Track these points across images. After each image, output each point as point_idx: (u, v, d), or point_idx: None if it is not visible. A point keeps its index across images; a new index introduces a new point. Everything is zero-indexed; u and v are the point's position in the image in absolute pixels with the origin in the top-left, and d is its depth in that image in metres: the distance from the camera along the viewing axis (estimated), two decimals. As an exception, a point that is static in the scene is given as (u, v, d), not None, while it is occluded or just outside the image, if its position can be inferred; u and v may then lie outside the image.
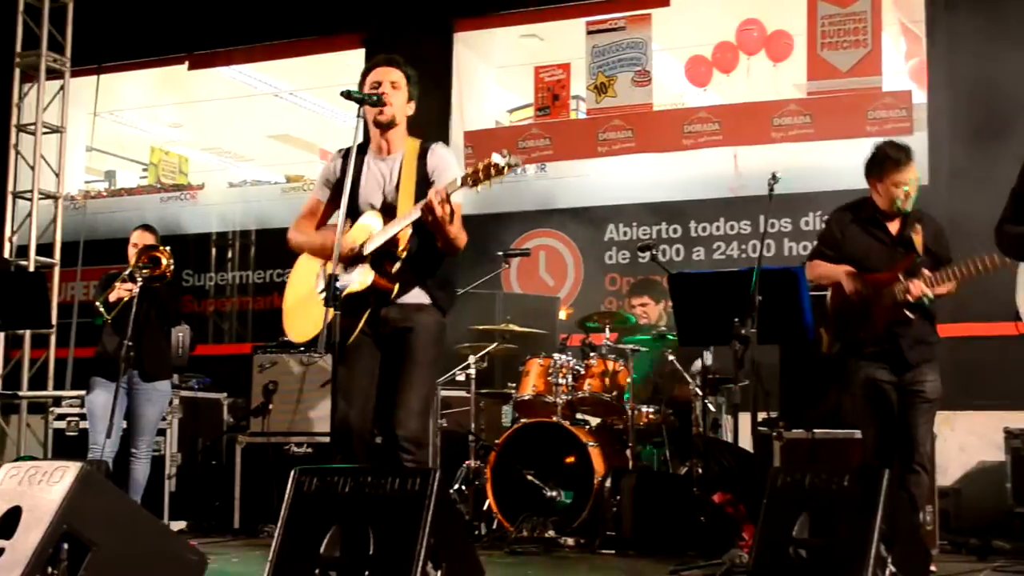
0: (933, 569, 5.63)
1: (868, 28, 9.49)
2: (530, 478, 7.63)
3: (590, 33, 10.53)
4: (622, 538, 7.22)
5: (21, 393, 10.69)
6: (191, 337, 8.98)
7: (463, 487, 7.91)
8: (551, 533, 7.37)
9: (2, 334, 10.70)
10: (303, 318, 5.20)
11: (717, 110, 10.26)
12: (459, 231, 4.98)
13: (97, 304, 7.47)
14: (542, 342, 8.57)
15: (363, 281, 4.99)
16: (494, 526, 7.68)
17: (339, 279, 4.78)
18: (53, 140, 11.20)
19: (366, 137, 5.33)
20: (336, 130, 13.38)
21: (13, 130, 11.23)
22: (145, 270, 7.28)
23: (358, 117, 5.03)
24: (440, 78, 10.65)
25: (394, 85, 5.21)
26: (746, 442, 7.36)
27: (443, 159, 5.24)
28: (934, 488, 7.01)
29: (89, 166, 13.77)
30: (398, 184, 5.16)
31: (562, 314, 9.60)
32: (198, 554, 4.71)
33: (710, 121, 10.03)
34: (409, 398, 5.03)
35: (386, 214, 5.11)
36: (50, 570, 4.00)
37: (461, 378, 8.18)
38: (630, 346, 7.86)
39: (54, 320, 9.93)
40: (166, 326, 7.77)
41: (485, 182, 4.78)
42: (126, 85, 13.15)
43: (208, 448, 9.14)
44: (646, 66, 10.30)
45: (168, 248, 7.48)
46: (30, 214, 10.99)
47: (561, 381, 7.85)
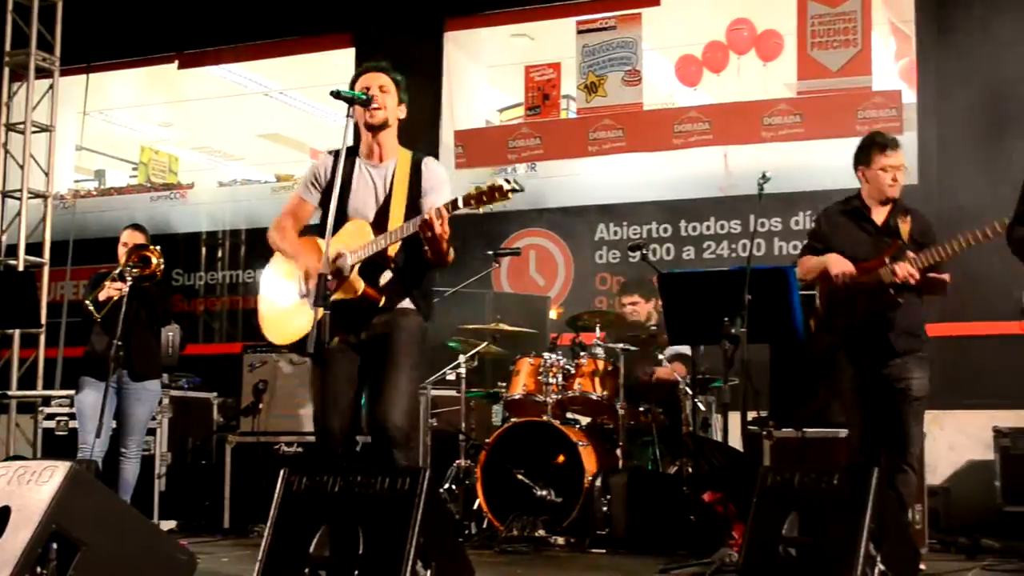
0: (922, 567, 5.63)
1: (858, 28, 9.51)
2: (520, 477, 7.62)
3: (580, 32, 10.54)
4: (612, 537, 7.22)
5: (10, 393, 10.66)
6: (181, 337, 8.95)
7: (453, 486, 7.91)
8: (541, 532, 7.36)
9: (-9, 334, 10.69)
10: (286, 321, 5.16)
11: (707, 109, 10.27)
12: (449, 245, 4.98)
13: (87, 303, 7.45)
14: (532, 341, 8.57)
15: (352, 291, 4.97)
16: (484, 525, 7.68)
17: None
18: (42, 139, 11.18)
19: (356, 140, 5.31)
20: (326, 129, 13.40)
21: (2, 129, 11.20)
22: (135, 269, 7.26)
23: (347, 117, 5.02)
24: (430, 77, 10.65)
25: (383, 89, 5.19)
26: (736, 441, 7.36)
27: (437, 176, 5.23)
28: (923, 487, 7.03)
29: (79, 165, 13.75)
30: (390, 195, 5.15)
31: (552, 313, 9.59)
32: (188, 554, 4.71)
33: (700, 120, 10.04)
34: (396, 395, 5.01)
35: (377, 224, 5.09)
36: (39, 570, 4.00)
37: (451, 377, 8.18)
38: (620, 345, 7.87)
39: (43, 320, 9.91)
40: (156, 326, 7.74)
41: (488, 204, 4.76)
42: (115, 84, 13.14)
43: (198, 448, 9.13)
44: (636, 65, 10.31)
45: (158, 247, 7.46)
46: (19, 213, 10.97)
47: (551, 380, 7.85)
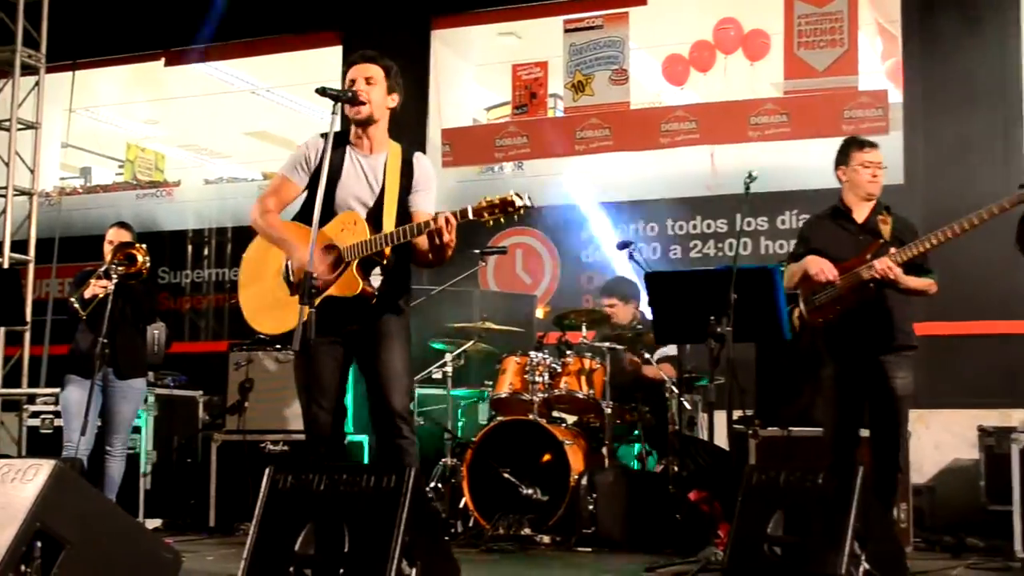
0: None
1: (844, 28, 9.53)
2: (506, 476, 7.63)
3: (567, 31, 10.54)
4: (598, 536, 7.22)
5: (-5, 390, 10.64)
6: (167, 335, 8.94)
7: (439, 485, 7.91)
8: (527, 531, 7.36)
9: (-23, 331, 10.65)
10: (275, 309, 5.14)
11: (694, 109, 10.29)
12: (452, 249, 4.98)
13: (72, 301, 7.43)
14: (519, 340, 8.58)
15: (350, 288, 4.96)
16: (470, 524, 7.68)
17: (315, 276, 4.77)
18: (28, 136, 11.13)
19: (346, 128, 5.29)
20: (313, 127, 13.32)
21: (-12, 126, 11.17)
22: (120, 267, 7.24)
23: (333, 114, 5.00)
24: (417, 75, 10.63)
25: (369, 81, 5.15)
26: (722, 440, 7.37)
27: (427, 175, 5.23)
28: (908, 486, 7.05)
29: (64, 162, 13.72)
30: (383, 190, 5.14)
31: (539, 312, 9.61)
32: (173, 552, 4.69)
33: (687, 120, 10.06)
34: (395, 378, 5.05)
35: (371, 218, 5.08)
36: (23, 568, 3.98)
37: (438, 376, 8.18)
38: (606, 344, 7.88)
39: (28, 317, 9.88)
40: (141, 324, 7.73)
41: (497, 217, 4.76)
42: (102, 81, 13.11)
43: (183, 446, 9.11)
44: (623, 64, 10.31)
45: (144, 245, 7.44)
46: (4, 211, 10.90)
47: (538, 379, 7.86)
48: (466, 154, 10.91)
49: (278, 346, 8.48)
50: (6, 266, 10.56)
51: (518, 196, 4.73)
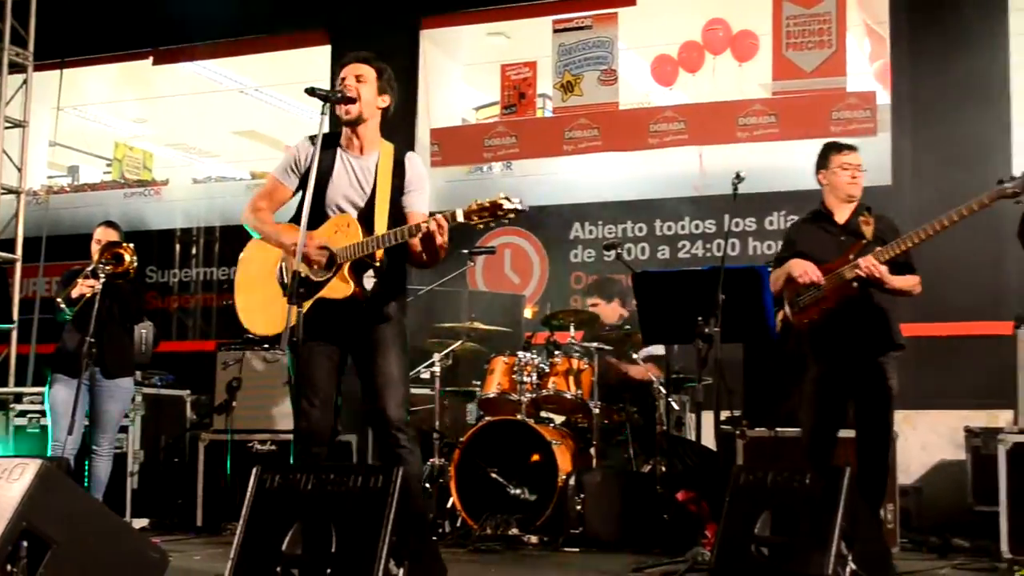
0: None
1: (833, 29, 9.54)
2: (494, 476, 7.62)
3: (556, 31, 10.55)
4: (586, 536, 7.22)
5: (-18, 389, 10.60)
6: (154, 334, 8.93)
7: (427, 485, 7.90)
8: (515, 531, 7.36)
9: (-37, 330, 10.61)
10: (267, 310, 5.14)
11: (683, 109, 10.30)
12: (444, 252, 4.96)
13: (58, 300, 7.41)
14: (507, 340, 8.58)
15: (342, 291, 4.95)
16: (458, 524, 7.67)
17: (303, 275, 4.77)
18: (15, 134, 11.10)
19: (338, 129, 5.28)
20: (302, 126, 13.34)
21: (-25, 124, 11.13)
22: (108, 267, 7.23)
23: (322, 114, 5.00)
24: (406, 75, 10.62)
25: (360, 79, 5.14)
26: (709, 440, 7.38)
27: (419, 175, 5.20)
28: (895, 486, 7.06)
29: (52, 161, 13.69)
30: (375, 191, 5.12)
31: (527, 312, 9.61)
32: (160, 552, 4.69)
33: (676, 120, 10.06)
34: (391, 386, 5.03)
35: (362, 220, 5.06)
36: (9, 568, 3.98)
37: (426, 376, 8.17)
38: (595, 344, 7.88)
39: (15, 316, 9.86)
40: (129, 323, 7.72)
41: (488, 220, 4.75)
42: (90, 80, 13.08)
43: (171, 445, 9.09)
44: (612, 65, 10.32)
45: (131, 245, 7.43)
46: (-8, 209, 10.91)
47: (526, 379, 7.85)
48: (455, 154, 10.90)
49: (266, 346, 8.49)
50: (-7, 265, 10.54)
51: (507, 199, 4.72)
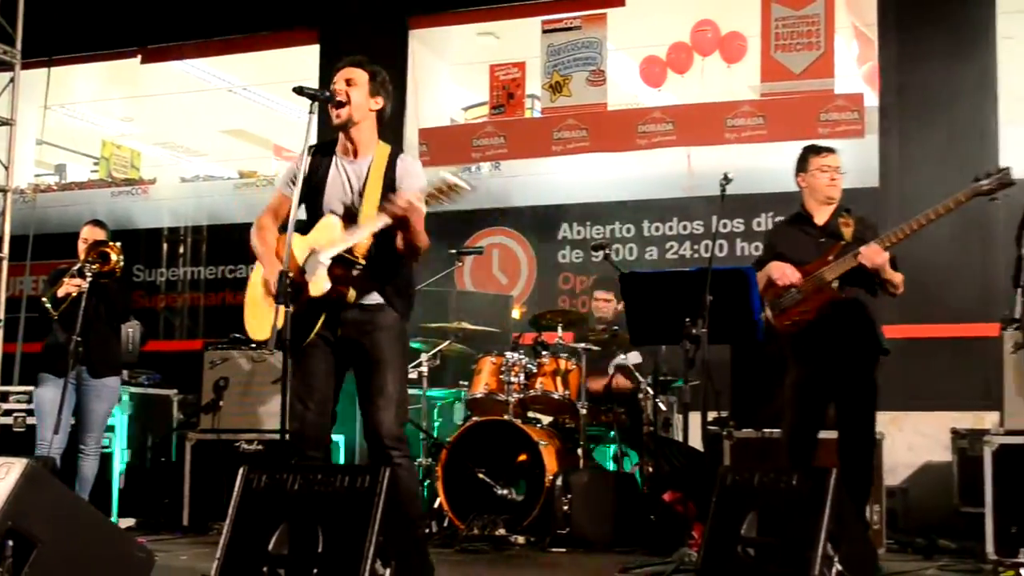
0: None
1: (821, 31, 9.56)
2: (481, 476, 7.63)
3: (545, 32, 10.55)
4: (572, 536, 7.22)
5: (-32, 388, 10.55)
6: (141, 333, 8.91)
7: (414, 485, 7.90)
8: (502, 531, 7.36)
9: (-51, 329, 10.57)
10: (260, 316, 5.13)
11: (671, 110, 10.30)
12: (423, 237, 4.94)
13: (44, 300, 7.40)
14: (495, 340, 8.58)
15: (321, 288, 4.93)
16: (445, 524, 7.68)
17: (292, 275, 4.77)
18: (3, 133, 11.02)
19: (335, 135, 5.27)
20: (290, 126, 13.36)
21: (-38, 123, 11.09)
22: (94, 266, 7.22)
23: (310, 113, 4.99)
24: (395, 75, 10.52)
25: (350, 82, 5.11)
26: (696, 441, 7.38)
27: (409, 172, 5.14)
28: (882, 487, 7.08)
29: (39, 159, 13.65)
30: (363, 189, 5.11)
31: (515, 312, 9.60)
32: (146, 552, 4.68)
33: (664, 121, 10.07)
34: (385, 401, 4.96)
35: (348, 219, 5.05)
36: (-6, 567, 3.97)
37: (413, 376, 8.17)
38: (582, 345, 7.89)
39: (1, 315, 9.82)
40: (115, 322, 7.70)
41: (443, 198, 4.75)
42: (78, 78, 13.05)
43: (158, 445, 9.07)
44: (601, 66, 10.33)
45: (118, 244, 7.41)
46: (-22, 208, 10.86)
47: (513, 379, 7.86)
48: (443, 154, 10.88)
49: (253, 345, 8.48)
50: (-20, 263, 10.50)
51: (452, 176, 4.73)
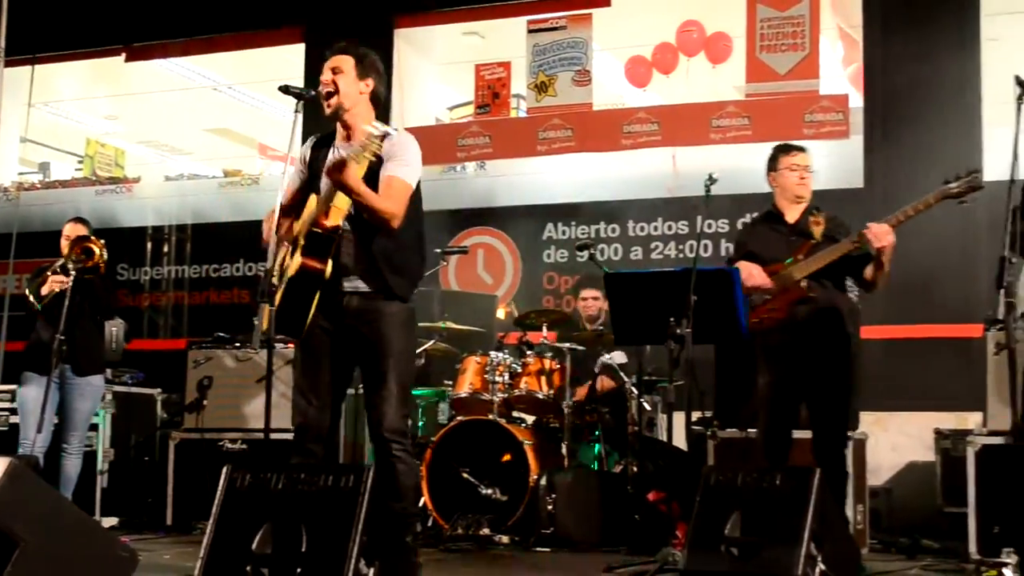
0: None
1: (806, 32, 9.57)
2: (466, 476, 7.63)
3: (531, 32, 10.54)
4: (557, 536, 7.23)
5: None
6: (125, 331, 8.89)
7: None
8: (486, 531, 7.37)
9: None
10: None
11: (656, 111, 10.30)
12: (375, 200, 4.88)
13: (27, 293, 7.37)
14: (479, 340, 8.58)
15: (293, 264, 4.90)
16: (429, 524, 7.67)
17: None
18: (-14, 130, 11.05)
19: (331, 127, 5.25)
20: (275, 125, 13.32)
21: (-55, 120, 11.05)
22: (79, 263, 7.19)
23: (296, 112, 4.99)
24: (380, 74, 10.59)
25: (336, 71, 5.08)
26: (681, 441, 7.40)
27: (395, 144, 5.11)
28: (865, 488, 7.10)
29: (23, 157, 13.61)
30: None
31: (500, 312, 9.61)
32: (129, 551, 4.66)
33: (649, 121, 10.07)
34: (387, 396, 4.89)
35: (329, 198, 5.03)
36: (-24, 566, 3.96)
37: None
38: (567, 344, 7.89)
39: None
40: (100, 318, 7.69)
41: (372, 148, 4.72)
42: (62, 76, 13.00)
43: (141, 444, 9.05)
44: (586, 66, 10.32)
45: (102, 240, 7.40)
46: (-39, 205, 10.83)
47: (498, 379, 7.86)
48: (428, 153, 10.63)
49: (237, 344, 8.47)
50: (-38, 262, 10.47)
51: (372, 128, 4.74)
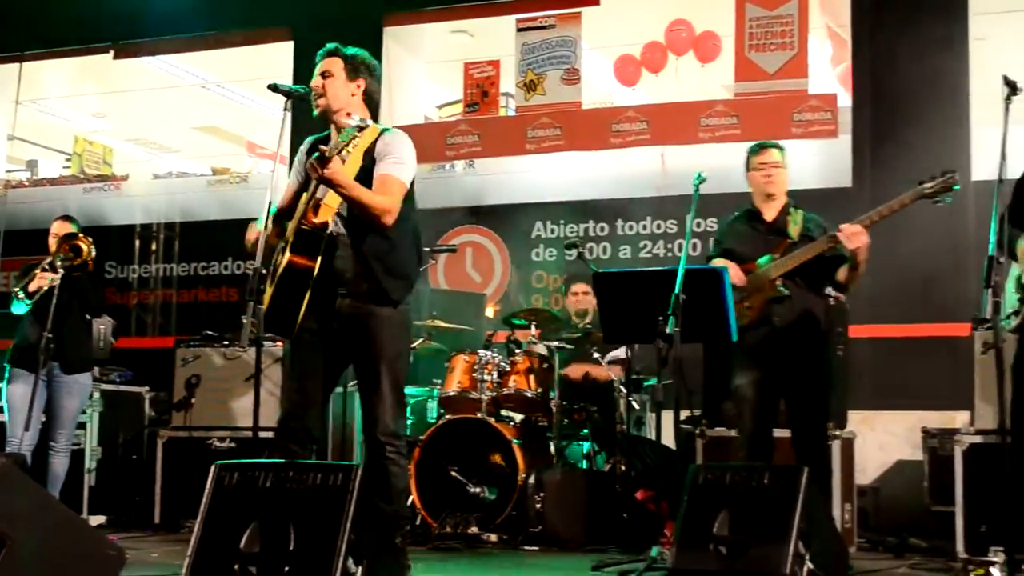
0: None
1: (795, 31, 9.58)
2: (454, 474, 7.63)
3: (520, 30, 10.52)
4: (545, 535, 7.24)
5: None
6: (113, 329, 8.88)
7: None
8: (474, 529, 7.37)
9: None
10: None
11: (645, 109, 10.29)
12: (369, 197, 4.84)
13: (15, 290, 7.36)
14: (468, 338, 8.58)
15: (283, 262, 4.89)
16: (417, 522, 7.66)
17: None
18: (-27, 128, 11.02)
19: (325, 128, 5.24)
20: (264, 123, 13.32)
21: (-67, 117, 11.03)
22: (66, 261, 7.18)
23: (285, 111, 4.98)
24: (369, 72, 10.57)
25: (325, 74, 5.08)
26: (669, 440, 7.40)
27: (389, 144, 5.09)
28: (852, 486, 7.11)
29: (11, 155, 13.56)
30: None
31: (488, 311, 9.60)
32: (117, 549, 4.66)
33: (638, 120, 10.07)
34: (379, 401, 4.90)
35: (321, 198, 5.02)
36: (-37, 565, 3.95)
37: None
38: (555, 343, 7.90)
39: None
40: (88, 316, 7.68)
41: (349, 138, 4.70)
42: (49, 73, 12.96)
43: (129, 442, 9.03)
44: (575, 64, 10.32)
45: (89, 238, 7.39)
46: (-51, 203, 10.80)
47: (486, 378, 7.86)
48: (417, 152, 10.69)
49: (225, 342, 8.47)
50: (-50, 259, 10.45)
51: (350, 119, 4.73)
